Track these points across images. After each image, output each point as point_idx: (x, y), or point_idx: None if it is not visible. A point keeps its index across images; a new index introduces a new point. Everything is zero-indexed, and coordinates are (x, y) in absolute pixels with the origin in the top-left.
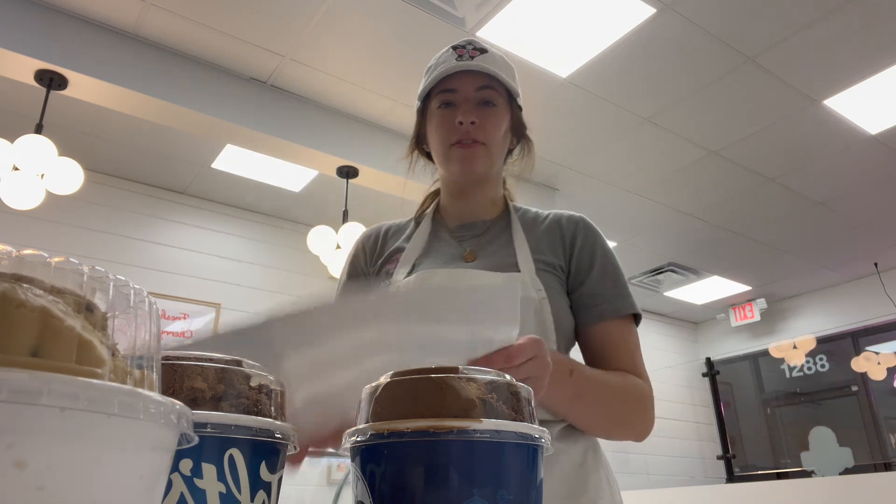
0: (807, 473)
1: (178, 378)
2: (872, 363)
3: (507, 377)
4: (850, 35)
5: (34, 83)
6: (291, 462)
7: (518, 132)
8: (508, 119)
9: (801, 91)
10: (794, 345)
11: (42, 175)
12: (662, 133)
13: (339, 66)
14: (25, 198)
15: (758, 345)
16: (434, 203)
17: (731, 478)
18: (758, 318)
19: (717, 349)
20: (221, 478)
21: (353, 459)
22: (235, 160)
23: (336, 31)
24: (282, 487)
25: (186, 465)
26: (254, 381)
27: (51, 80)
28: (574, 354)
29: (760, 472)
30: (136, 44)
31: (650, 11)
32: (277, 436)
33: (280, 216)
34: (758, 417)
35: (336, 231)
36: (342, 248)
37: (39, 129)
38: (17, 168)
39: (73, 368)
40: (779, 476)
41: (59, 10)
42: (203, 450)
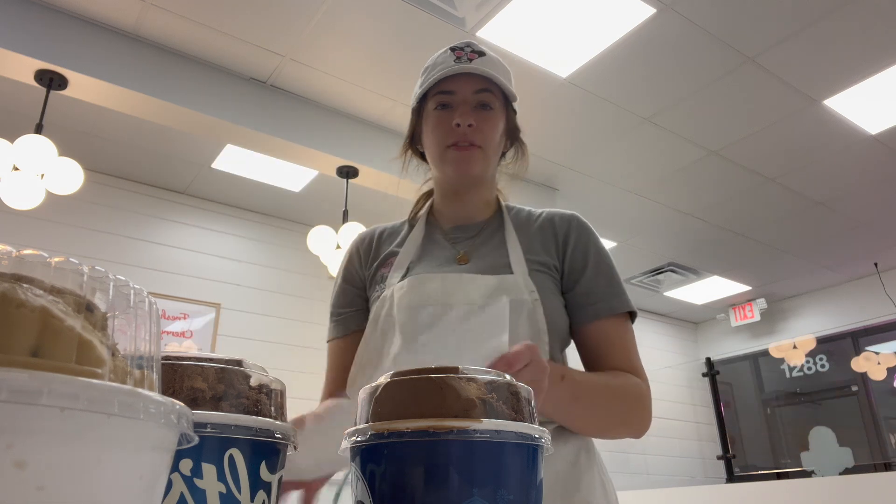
0: (807, 473)
1: (178, 378)
2: (872, 363)
3: (508, 377)
4: (850, 35)
5: (34, 83)
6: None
7: (512, 135)
8: (504, 122)
9: (801, 91)
10: (794, 345)
11: (42, 175)
12: (662, 133)
13: (339, 66)
14: (25, 198)
15: (758, 345)
16: (427, 204)
17: (731, 478)
18: (758, 318)
19: (717, 349)
20: (221, 478)
21: (353, 459)
22: (235, 160)
23: (336, 31)
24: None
25: (186, 465)
26: (254, 381)
27: (51, 80)
28: (570, 353)
29: (760, 472)
30: (136, 44)
31: (650, 11)
32: (277, 436)
33: (280, 216)
34: (758, 417)
35: (336, 231)
36: (342, 248)
37: (39, 129)
38: (17, 168)
39: (73, 368)
40: (779, 476)
41: (59, 10)
42: (203, 450)
